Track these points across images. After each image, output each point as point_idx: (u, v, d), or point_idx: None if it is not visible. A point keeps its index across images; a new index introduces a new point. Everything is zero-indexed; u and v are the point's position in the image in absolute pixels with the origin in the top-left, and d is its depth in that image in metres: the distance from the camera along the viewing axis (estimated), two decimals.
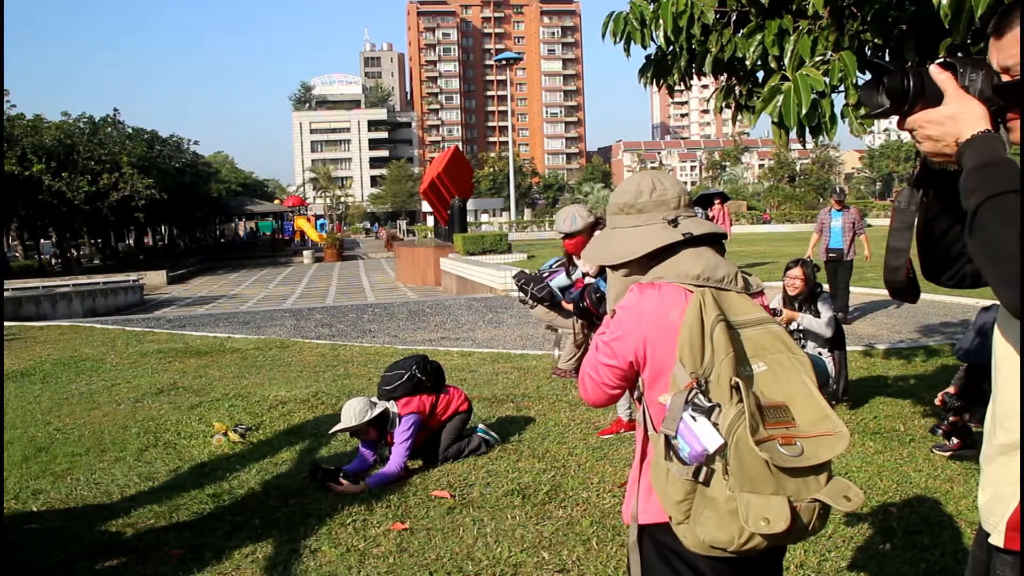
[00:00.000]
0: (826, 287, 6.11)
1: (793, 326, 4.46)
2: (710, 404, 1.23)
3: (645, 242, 1.43)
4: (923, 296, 8.45)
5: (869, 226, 9.38)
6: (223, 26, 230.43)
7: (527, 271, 4.40)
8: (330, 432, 3.89)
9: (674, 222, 1.43)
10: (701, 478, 1.24)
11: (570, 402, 4.94)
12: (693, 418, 1.23)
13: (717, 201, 12.17)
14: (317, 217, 50.99)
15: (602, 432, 4.18)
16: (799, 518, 1.23)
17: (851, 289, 8.40)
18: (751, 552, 1.25)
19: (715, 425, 1.22)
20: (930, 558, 2.63)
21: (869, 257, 8.41)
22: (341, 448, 4.10)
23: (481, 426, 4.12)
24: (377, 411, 3.62)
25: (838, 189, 8.62)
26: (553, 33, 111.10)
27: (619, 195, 1.51)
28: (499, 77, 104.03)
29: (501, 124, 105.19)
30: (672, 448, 1.27)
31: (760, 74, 3.24)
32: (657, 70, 3.44)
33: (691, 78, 3.36)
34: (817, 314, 4.48)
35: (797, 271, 4.53)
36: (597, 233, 1.61)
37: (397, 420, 3.66)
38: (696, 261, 1.39)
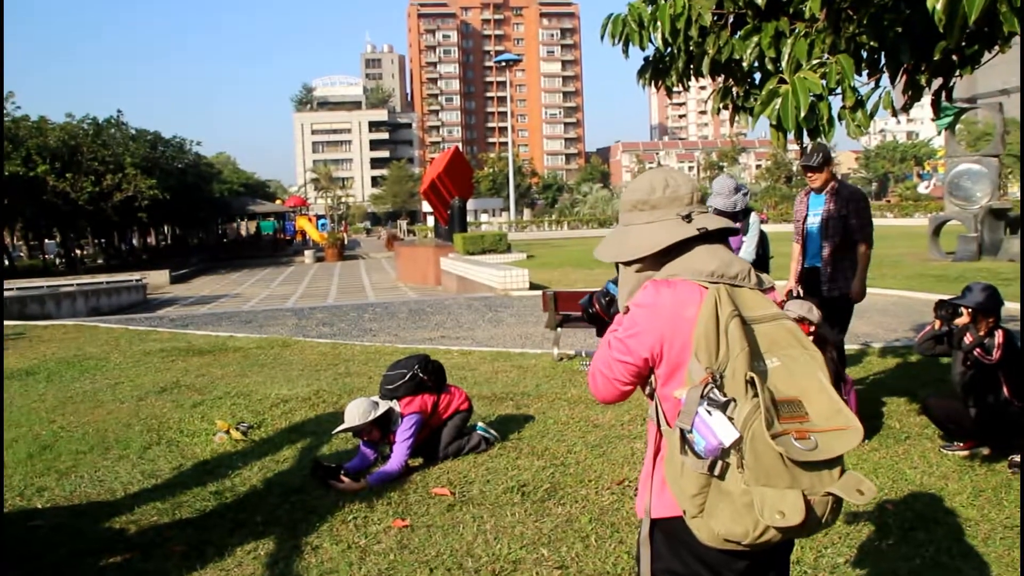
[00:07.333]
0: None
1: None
2: (725, 399, 1.25)
3: (659, 237, 1.43)
4: (918, 295, 8.44)
5: None
6: (225, 28, 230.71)
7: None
8: (333, 432, 3.92)
9: (688, 218, 1.44)
10: (717, 472, 1.25)
11: (569, 400, 4.96)
12: (708, 412, 1.24)
13: None
14: (318, 217, 51.00)
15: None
16: (813, 511, 1.24)
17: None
18: (765, 545, 1.26)
19: (730, 419, 1.23)
20: (925, 554, 2.65)
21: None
22: (342, 446, 4.12)
23: (481, 424, 4.14)
24: (380, 411, 3.65)
25: (809, 151, 4.12)
26: (552, 35, 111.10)
27: (632, 192, 1.51)
28: (499, 78, 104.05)
29: (501, 125, 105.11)
30: (687, 442, 1.28)
31: (757, 76, 3.27)
32: (655, 71, 3.47)
33: (689, 79, 3.39)
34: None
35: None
36: (614, 229, 1.63)
37: (399, 419, 3.69)
38: (710, 259, 1.40)
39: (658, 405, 1.42)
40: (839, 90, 2.71)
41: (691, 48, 3.19)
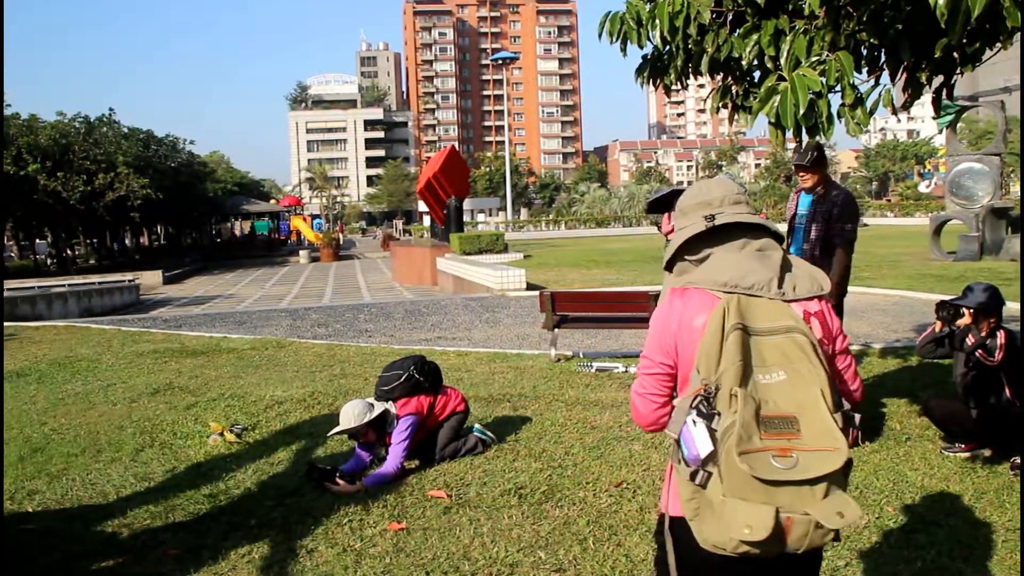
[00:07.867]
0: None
1: None
2: (711, 411, 1.28)
3: (677, 240, 1.51)
4: (919, 295, 8.44)
5: (865, 225, 3.72)
6: (219, 26, 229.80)
7: None
8: (328, 435, 3.88)
9: (710, 218, 1.48)
10: (698, 481, 1.29)
11: (566, 401, 4.93)
12: (694, 423, 1.29)
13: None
14: (313, 217, 50.82)
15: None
16: (792, 529, 1.24)
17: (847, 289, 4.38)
18: (748, 556, 1.27)
19: (713, 431, 1.27)
20: (926, 557, 2.63)
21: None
22: (337, 448, 4.08)
23: (477, 426, 4.10)
24: (376, 413, 3.62)
25: (803, 150, 3.93)
26: (549, 32, 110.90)
27: (679, 202, 1.60)
28: (495, 76, 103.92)
29: (497, 124, 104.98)
30: (679, 449, 1.34)
31: (756, 74, 3.24)
32: (654, 70, 3.45)
33: (687, 78, 3.37)
34: None
35: None
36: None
37: (395, 421, 3.65)
38: (726, 268, 1.43)
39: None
40: (838, 88, 2.69)
41: (690, 46, 3.16)
